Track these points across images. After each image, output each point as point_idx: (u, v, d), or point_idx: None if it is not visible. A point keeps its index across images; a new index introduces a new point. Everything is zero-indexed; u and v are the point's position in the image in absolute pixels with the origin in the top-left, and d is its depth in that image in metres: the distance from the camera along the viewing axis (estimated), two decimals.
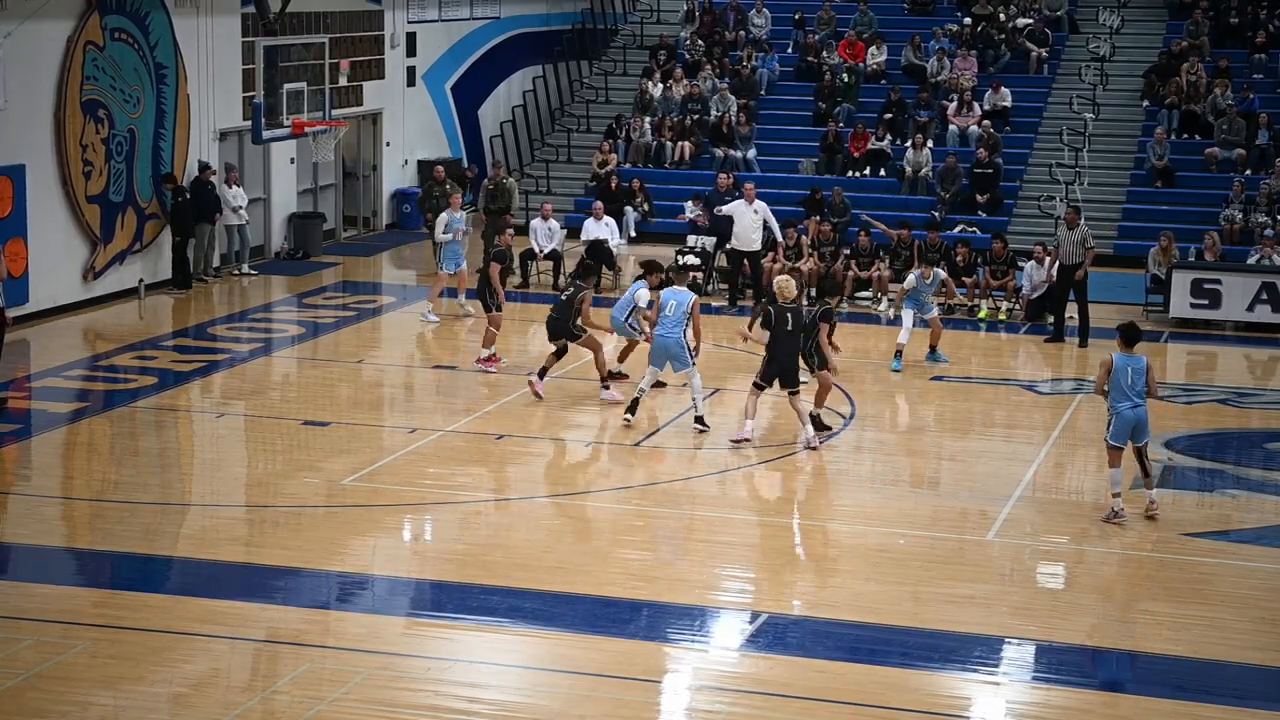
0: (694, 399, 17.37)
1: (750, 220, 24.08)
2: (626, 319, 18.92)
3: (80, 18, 22.72)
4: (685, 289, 17.67)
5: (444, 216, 23.41)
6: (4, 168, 21.54)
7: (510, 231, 21.53)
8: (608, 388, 18.54)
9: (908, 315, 20.65)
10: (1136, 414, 14.55)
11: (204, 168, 24.92)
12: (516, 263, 24.08)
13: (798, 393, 16.89)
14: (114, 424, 17.67)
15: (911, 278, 20.93)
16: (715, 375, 19.35)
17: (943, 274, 21.27)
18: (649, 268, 19.06)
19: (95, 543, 14.08)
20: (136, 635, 11.82)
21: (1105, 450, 14.84)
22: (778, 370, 16.79)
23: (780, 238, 24.39)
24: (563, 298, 18.85)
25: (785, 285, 17.05)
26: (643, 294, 18.57)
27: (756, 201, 24.24)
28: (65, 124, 22.52)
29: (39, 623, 12.01)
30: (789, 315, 16.73)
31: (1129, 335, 14.82)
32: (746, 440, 16.89)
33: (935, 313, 21.01)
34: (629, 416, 17.43)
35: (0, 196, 21.45)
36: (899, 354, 20.48)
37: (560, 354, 18.70)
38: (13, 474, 16.00)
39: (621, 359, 19.44)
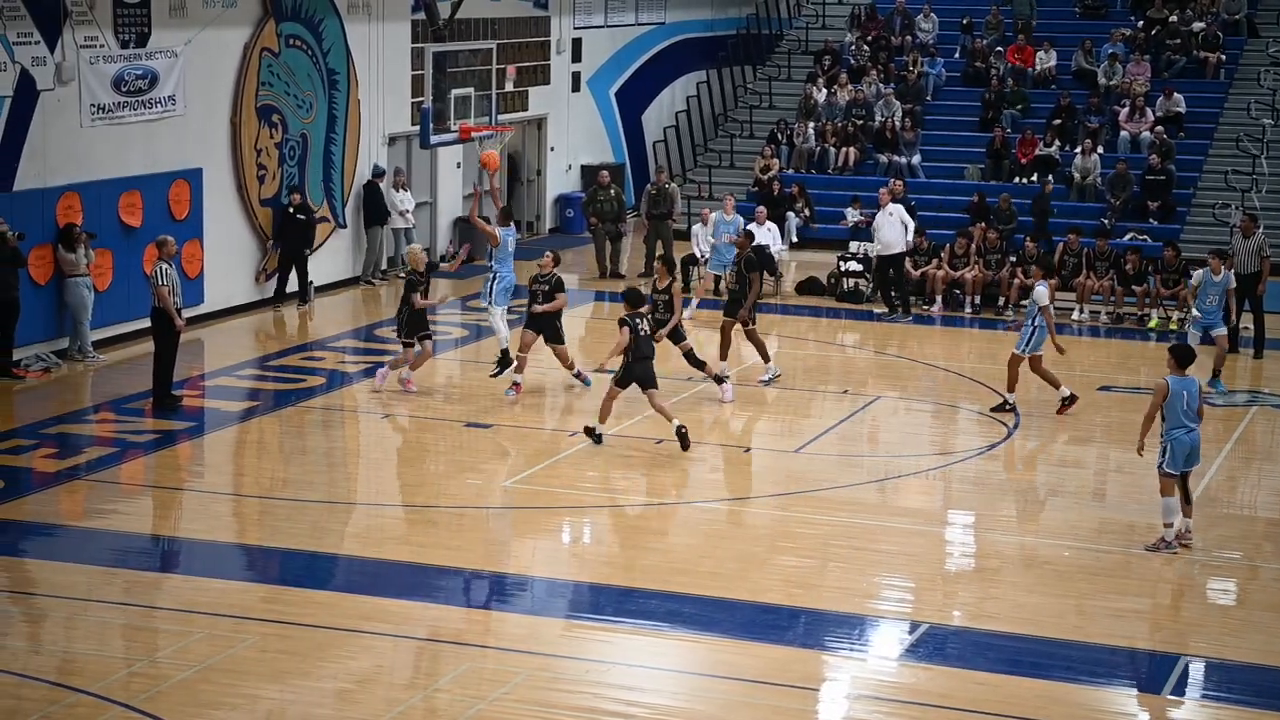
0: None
1: (886, 224, 23.84)
2: None
3: (257, 24, 23.27)
4: None
5: (713, 217, 24.41)
6: (182, 171, 22.13)
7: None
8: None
9: (1193, 336, 19.41)
10: (1192, 439, 13.93)
11: (379, 172, 25.46)
12: (679, 268, 24.06)
13: (411, 344, 18.81)
14: (283, 423, 18.06)
15: (1198, 274, 20.01)
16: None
17: (1232, 276, 19.97)
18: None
19: (264, 539, 14.39)
20: (303, 631, 12.06)
21: (1159, 479, 14.02)
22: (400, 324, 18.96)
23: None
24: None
25: (415, 254, 19.31)
26: None
27: (892, 204, 23.98)
28: (240, 129, 23.08)
29: (211, 616, 12.31)
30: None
31: (1184, 357, 14.18)
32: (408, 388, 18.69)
33: (1223, 329, 19.95)
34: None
35: (178, 199, 22.04)
36: None
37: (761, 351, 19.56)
38: (186, 470, 16.45)
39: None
